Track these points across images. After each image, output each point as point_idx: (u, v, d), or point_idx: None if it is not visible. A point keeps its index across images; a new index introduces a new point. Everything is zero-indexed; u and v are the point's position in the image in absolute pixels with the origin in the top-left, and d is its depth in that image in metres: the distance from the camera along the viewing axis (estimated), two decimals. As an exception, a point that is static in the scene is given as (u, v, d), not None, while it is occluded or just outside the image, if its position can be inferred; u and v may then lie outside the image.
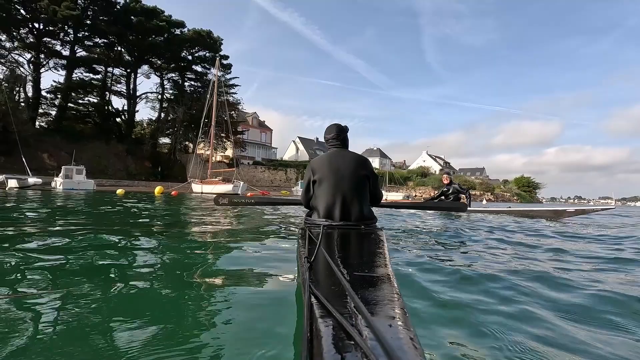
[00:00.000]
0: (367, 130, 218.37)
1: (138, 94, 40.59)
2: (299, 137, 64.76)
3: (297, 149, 62.68)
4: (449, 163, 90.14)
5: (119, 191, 15.08)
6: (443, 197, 8.26)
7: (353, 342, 0.67)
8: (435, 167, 77.60)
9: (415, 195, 50.56)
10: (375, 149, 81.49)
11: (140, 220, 4.89)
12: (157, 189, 17.39)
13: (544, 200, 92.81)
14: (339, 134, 2.53)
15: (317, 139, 68.88)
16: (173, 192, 18.86)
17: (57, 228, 3.65)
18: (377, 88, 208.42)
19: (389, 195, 34.83)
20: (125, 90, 39.56)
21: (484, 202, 43.18)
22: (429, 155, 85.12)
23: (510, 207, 8.38)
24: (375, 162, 75.13)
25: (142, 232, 3.53)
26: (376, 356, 0.61)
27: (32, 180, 17.20)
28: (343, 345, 0.67)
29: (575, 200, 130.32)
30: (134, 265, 2.12)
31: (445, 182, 8.36)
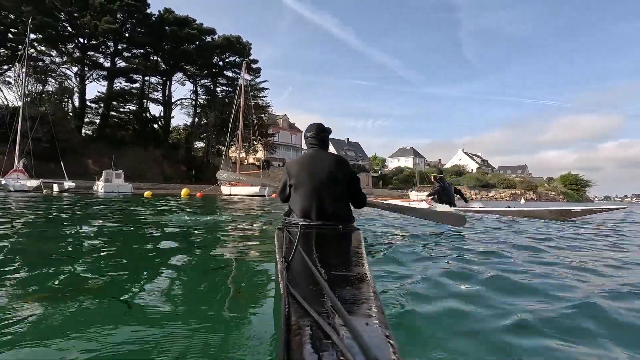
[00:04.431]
0: (403, 129, 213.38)
1: (173, 100, 42.56)
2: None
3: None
4: (486, 161, 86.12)
5: (147, 193, 15.84)
6: (436, 196, 8.05)
7: (330, 341, 0.68)
8: (472, 166, 74.52)
9: (450, 195, 48.78)
10: (408, 148, 79.82)
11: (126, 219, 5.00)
12: (184, 191, 18.06)
13: (595, 199, 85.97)
14: (318, 133, 2.47)
15: (347, 139, 68.57)
16: (198, 194, 19.50)
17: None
18: (413, 86, 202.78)
19: (418, 195, 33.83)
20: (161, 98, 41.61)
21: (522, 201, 40.73)
22: (465, 153, 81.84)
23: (509, 207, 8.02)
24: (408, 162, 73.52)
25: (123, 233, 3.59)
26: (353, 354, 0.62)
27: (67, 184, 18.71)
28: (320, 345, 0.68)
29: (633, 200, 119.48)
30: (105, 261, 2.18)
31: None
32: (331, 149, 62.01)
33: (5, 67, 31.45)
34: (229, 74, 43.28)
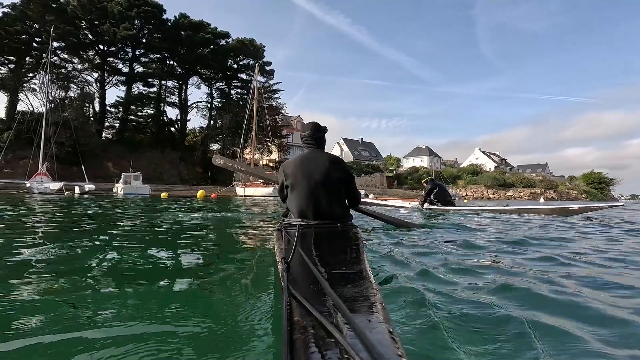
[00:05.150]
0: (419, 129, 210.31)
1: (189, 103, 43.39)
2: (343, 139, 64.67)
3: (342, 150, 62.62)
4: (505, 160, 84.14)
5: (163, 195, 16.26)
6: (431, 198, 8.27)
7: (333, 340, 0.68)
8: (489, 165, 72.97)
9: (466, 195, 47.87)
10: (423, 147, 78.77)
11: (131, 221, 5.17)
12: (200, 193, 18.43)
13: (622, 197, 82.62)
14: (314, 132, 2.47)
15: (361, 139, 68.28)
16: (213, 195, 19.85)
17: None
18: (428, 85, 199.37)
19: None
20: (177, 101, 42.50)
21: (542, 200, 39.56)
22: (482, 152, 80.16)
23: (507, 205, 8.22)
24: (424, 161, 72.56)
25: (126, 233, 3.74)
26: (356, 352, 0.62)
27: (87, 186, 19.44)
28: (323, 343, 0.68)
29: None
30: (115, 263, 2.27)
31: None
32: (345, 148, 62.07)
33: (31, 74, 32.81)
34: (243, 76, 43.92)
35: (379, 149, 69.85)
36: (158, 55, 39.26)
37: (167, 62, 40.24)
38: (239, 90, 44.79)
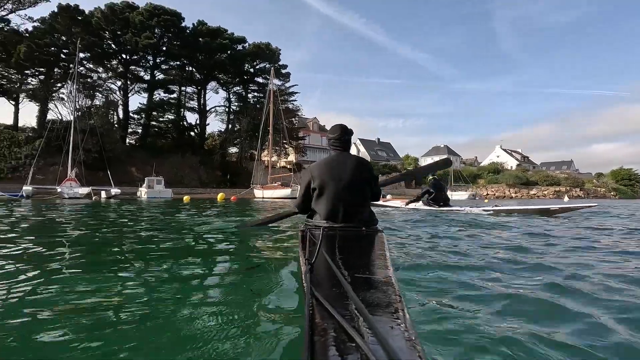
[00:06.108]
0: (438, 128, 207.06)
1: (208, 108, 44.33)
2: (359, 139, 64.49)
3: (358, 150, 62.48)
4: (527, 157, 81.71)
5: (185, 198, 16.73)
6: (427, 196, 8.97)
7: (354, 344, 0.68)
8: (511, 163, 71.09)
9: (487, 194, 46.82)
10: (442, 146, 77.56)
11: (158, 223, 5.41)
12: (220, 196, 18.82)
13: (654, 195, 78.48)
14: (342, 135, 2.48)
15: (378, 139, 67.92)
16: (232, 198, 20.24)
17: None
18: (445, 82, 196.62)
19: (453, 195, 32.81)
20: (197, 106, 43.51)
21: (566, 199, 38.19)
22: (504, 150, 78.12)
23: (497, 206, 8.69)
24: (442, 160, 71.41)
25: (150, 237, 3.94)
26: (377, 358, 0.61)
27: (113, 191, 20.23)
28: (344, 347, 0.68)
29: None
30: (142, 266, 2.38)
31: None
32: (361, 149, 61.87)
33: (59, 85, 34.38)
34: (260, 80, 44.47)
35: (396, 149, 69.33)
36: (178, 62, 40.35)
37: (187, 68, 41.27)
38: (256, 93, 45.44)
